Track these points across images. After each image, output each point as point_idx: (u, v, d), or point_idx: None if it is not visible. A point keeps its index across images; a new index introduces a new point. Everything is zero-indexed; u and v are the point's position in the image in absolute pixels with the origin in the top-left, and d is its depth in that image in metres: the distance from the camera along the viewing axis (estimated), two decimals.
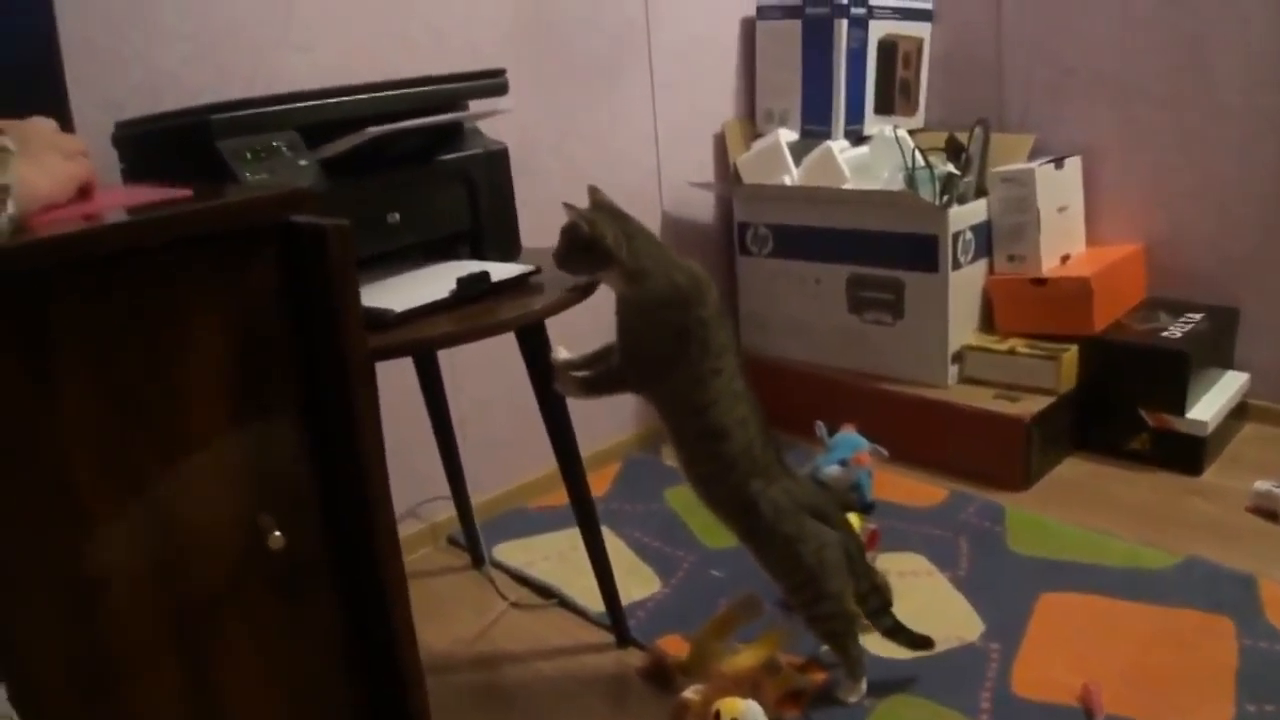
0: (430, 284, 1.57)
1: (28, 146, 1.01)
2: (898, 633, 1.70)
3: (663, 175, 2.73)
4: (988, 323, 2.67)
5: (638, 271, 1.54)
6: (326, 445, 1.18)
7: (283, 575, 1.17)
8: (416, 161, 1.69)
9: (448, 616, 2.09)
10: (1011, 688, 1.71)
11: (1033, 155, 2.76)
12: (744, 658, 1.69)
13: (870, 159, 2.77)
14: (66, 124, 1.49)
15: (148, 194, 1.17)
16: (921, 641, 1.71)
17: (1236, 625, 1.81)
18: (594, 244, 1.52)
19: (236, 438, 1.11)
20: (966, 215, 2.55)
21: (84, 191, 1.15)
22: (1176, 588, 1.94)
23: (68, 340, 0.97)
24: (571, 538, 1.99)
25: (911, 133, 2.83)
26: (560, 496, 1.88)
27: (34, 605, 0.99)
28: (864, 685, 1.70)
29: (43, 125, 1.12)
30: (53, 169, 1.09)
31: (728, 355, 1.57)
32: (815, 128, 2.85)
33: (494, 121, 1.81)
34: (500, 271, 1.62)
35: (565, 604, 2.09)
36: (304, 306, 1.13)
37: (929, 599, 1.98)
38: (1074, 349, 2.50)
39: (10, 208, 0.91)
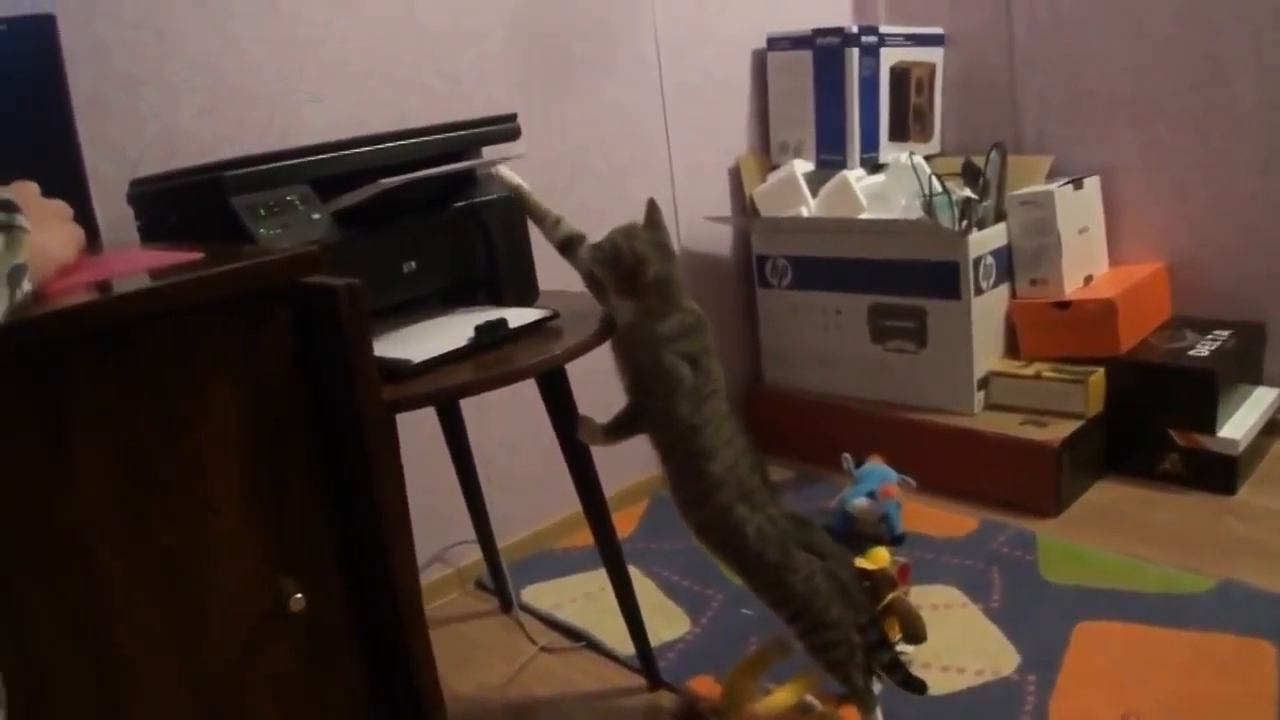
0: (448, 332, 1.56)
1: (31, 212, 1.01)
2: (895, 669, 1.64)
3: (679, 211, 2.73)
4: (1012, 348, 2.65)
5: (654, 311, 1.54)
6: (347, 502, 1.18)
7: (305, 637, 1.16)
8: (431, 210, 1.69)
9: (477, 662, 2.07)
10: None
11: (1050, 177, 2.75)
12: (777, 698, 1.67)
13: (887, 187, 2.77)
14: (79, 183, 1.51)
15: (159, 257, 1.17)
16: (915, 684, 1.65)
17: (1276, 649, 1.77)
18: (632, 276, 1.54)
19: (254, 501, 1.11)
20: (986, 240, 2.53)
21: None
22: (1213, 612, 1.91)
23: (83, 409, 0.97)
24: (600, 578, 1.98)
25: (927, 158, 2.83)
26: (588, 536, 1.87)
27: (61, 683, 0.99)
28: (880, 717, 1.65)
29: (32, 188, 1.12)
30: (60, 233, 1.09)
31: (720, 380, 1.58)
32: (830, 158, 2.84)
33: (508, 165, 1.81)
34: (518, 317, 1.62)
35: (595, 647, 2.07)
36: (320, 364, 1.13)
37: (963, 632, 1.95)
38: (1101, 371, 2.47)
39: (27, 285, 0.91)
